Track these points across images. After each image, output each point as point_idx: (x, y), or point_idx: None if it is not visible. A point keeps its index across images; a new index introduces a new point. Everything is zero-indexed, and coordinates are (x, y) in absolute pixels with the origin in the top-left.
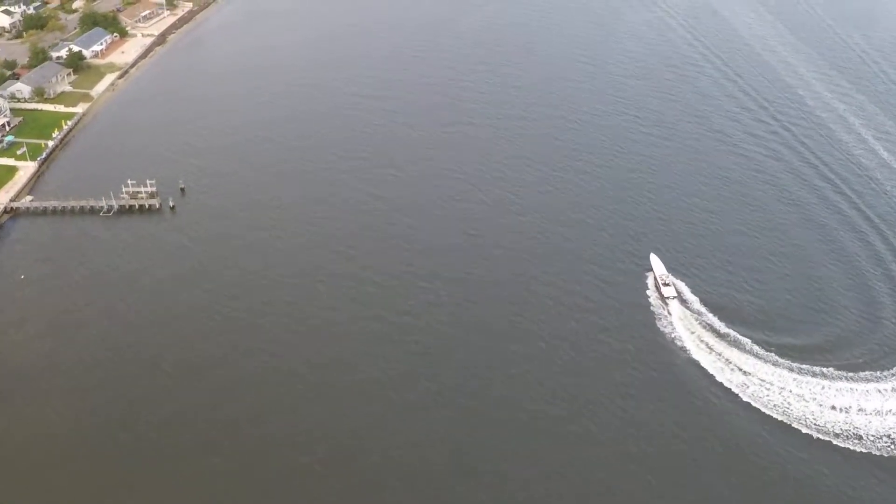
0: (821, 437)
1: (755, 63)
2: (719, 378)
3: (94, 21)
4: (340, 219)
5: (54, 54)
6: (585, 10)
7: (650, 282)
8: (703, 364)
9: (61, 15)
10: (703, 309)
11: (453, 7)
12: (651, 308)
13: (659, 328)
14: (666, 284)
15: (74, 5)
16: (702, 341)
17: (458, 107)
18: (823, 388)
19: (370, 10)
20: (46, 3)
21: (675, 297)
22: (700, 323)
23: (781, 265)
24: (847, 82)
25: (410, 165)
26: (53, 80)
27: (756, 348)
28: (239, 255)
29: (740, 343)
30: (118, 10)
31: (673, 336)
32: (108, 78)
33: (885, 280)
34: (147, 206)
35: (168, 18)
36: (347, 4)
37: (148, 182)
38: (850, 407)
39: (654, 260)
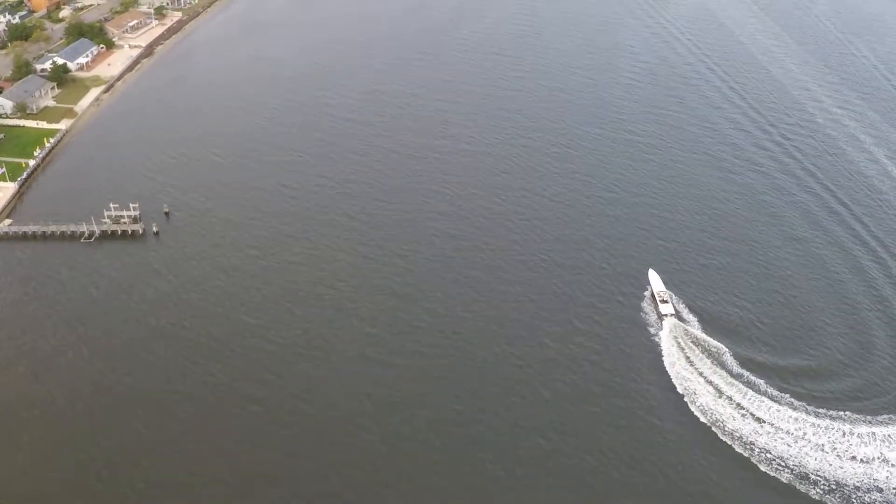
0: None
1: (760, 78)
2: (714, 416)
3: (81, 31)
4: (333, 249)
5: (39, 66)
6: (583, 25)
7: (647, 298)
8: (696, 398)
9: (47, 24)
10: (699, 327)
11: (451, 18)
12: (646, 325)
13: (652, 346)
14: (664, 301)
15: (62, 14)
16: (694, 366)
17: (453, 127)
18: (845, 434)
19: (364, 21)
20: (33, 11)
21: (672, 315)
22: (695, 343)
23: (788, 290)
24: (858, 98)
25: (401, 189)
26: (37, 94)
27: (752, 374)
28: (226, 287)
29: (735, 370)
30: (105, 20)
31: (666, 357)
32: (93, 92)
33: None
34: (130, 232)
35: (156, 29)
36: (339, 15)
37: (131, 206)
38: (873, 458)
39: (653, 275)
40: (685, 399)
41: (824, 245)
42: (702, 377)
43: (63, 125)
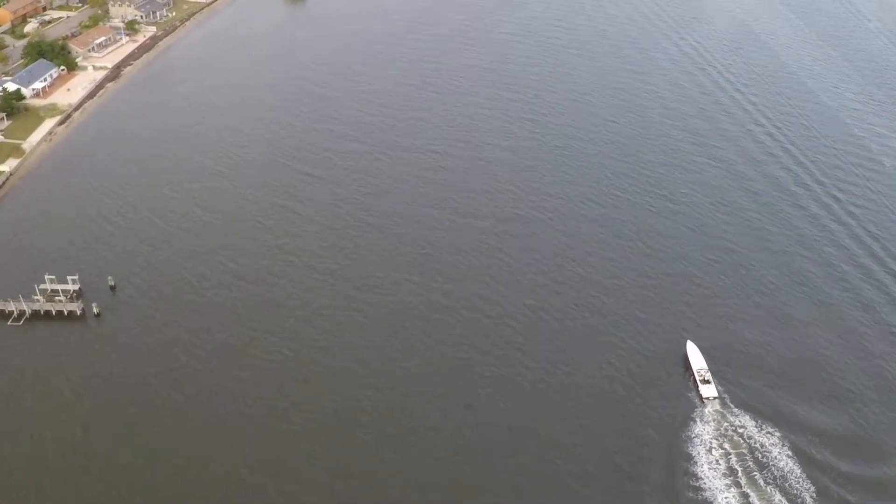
0: None
1: (812, 116)
2: None
3: (40, 51)
4: (310, 347)
5: None
6: (601, 54)
7: (686, 377)
8: None
9: (9, 41)
10: (752, 417)
11: (454, 38)
12: (684, 413)
13: (690, 440)
14: (705, 381)
15: (27, 28)
16: (749, 469)
17: (461, 185)
18: None
19: (357, 38)
20: None
21: (716, 398)
22: (746, 439)
23: (861, 375)
24: None
25: (391, 268)
26: None
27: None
28: (180, 386)
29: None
30: (73, 35)
31: (708, 457)
32: (47, 124)
33: None
34: (66, 313)
35: (127, 46)
36: (329, 32)
37: (69, 279)
38: None
39: (692, 349)
40: None
41: None
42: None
43: (7, 167)
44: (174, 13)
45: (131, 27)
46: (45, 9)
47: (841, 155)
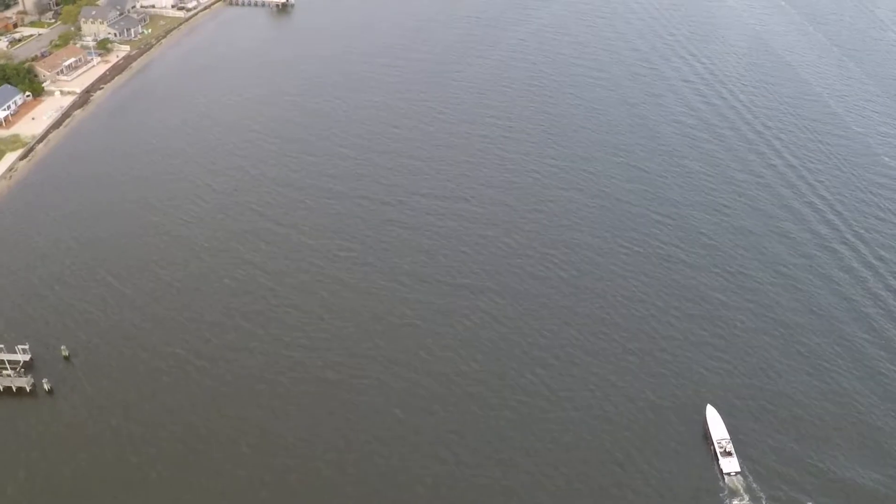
0: None
1: (839, 146)
2: None
3: (5, 75)
4: (289, 409)
5: None
6: (598, 87)
7: (705, 447)
8: None
9: None
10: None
11: (443, 67)
12: (700, 493)
13: None
14: (726, 453)
15: None
16: None
17: (451, 245)
18: None
19: (341, 58)
20: None
21: (738, 473)
22: None
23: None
24: None
25: (386, 342)
26: None
27: None
28: (136, 484)
29: None
30: (41, 56)
31: None
32: (8, 158)
33: None
34: (14, 389)
35: (98, 67)
36: (315, 49)
37: (19, 348)
38: None
39: (712, 415)
40: None
41: None
42: None
43: None
44: (150, 30)
45: (103, 46)
46: (16, 25)
47: (875, 195)
